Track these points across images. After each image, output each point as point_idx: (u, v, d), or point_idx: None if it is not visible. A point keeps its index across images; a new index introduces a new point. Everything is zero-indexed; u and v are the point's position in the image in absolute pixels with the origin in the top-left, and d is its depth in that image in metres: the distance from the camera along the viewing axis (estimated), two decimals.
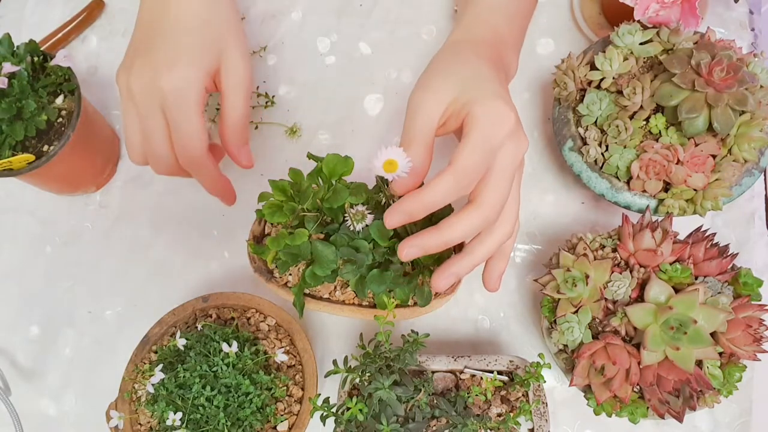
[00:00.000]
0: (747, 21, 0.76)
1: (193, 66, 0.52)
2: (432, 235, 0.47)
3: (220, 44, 0.54)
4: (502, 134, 0.47)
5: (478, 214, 0.46)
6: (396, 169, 0.48)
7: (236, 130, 0.55)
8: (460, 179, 0.46)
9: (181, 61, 0.52)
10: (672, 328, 0.51)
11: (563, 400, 0.65)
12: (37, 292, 0.71)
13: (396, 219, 0.47)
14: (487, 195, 0.46)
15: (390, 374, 0.53)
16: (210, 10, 0.55)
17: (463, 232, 0.47)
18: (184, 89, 0.51)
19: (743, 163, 0.60)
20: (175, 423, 0.53)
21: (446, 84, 0.49)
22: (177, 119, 0.52)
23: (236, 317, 0.63)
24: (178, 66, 0.51)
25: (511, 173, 0.48)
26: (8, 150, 0.61)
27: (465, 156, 0.46)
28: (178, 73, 0.51)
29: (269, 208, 0.57)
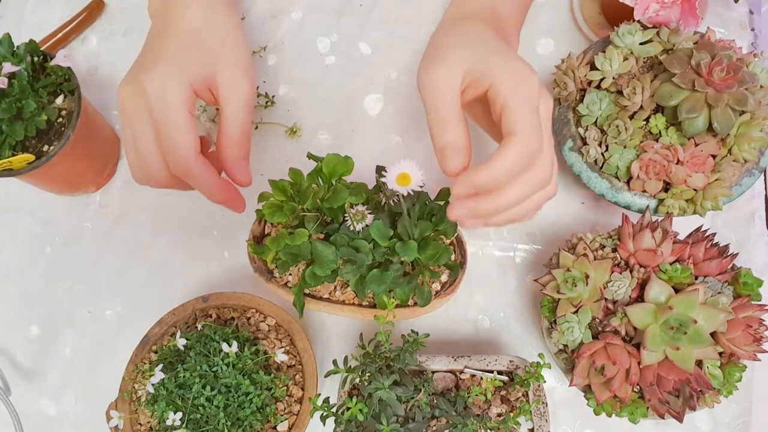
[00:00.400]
0: (747, 21, 0.76)
1: (176, 67, 0.51)
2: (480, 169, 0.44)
3: (212, 56, 0.53)
4: (536, 93, 0.46)
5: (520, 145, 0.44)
6: (410, 183, 0.48)
7: (233, 145, 0.53)
8: (527, 147, 0.44)
9: (163, 62, 0.51)
10: (672, 328, 0.51)
11: (563, 400, 0.65)
12: (37, 292, 0.71)
13: (463, 190, 0.45)
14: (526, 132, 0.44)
15: (390, 374, 0.53)
16: (206, 25, 0.54)
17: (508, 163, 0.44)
18: (166, 89, 0.50)
19: (743, 163, 0.60)
20: (175, 423, 0.53)
21: (457, 54, 0.48)
22: (161, 120, 0.49)
23: (236, 317, 0.63)
24: (160, 66, 0.50)
25: (550, 129, 0.48)
26: (8, 150, 0.61)
27: (523, 123, 0.44)
28: (160, 74, 0.50)
29: (269, 208, 0.57)
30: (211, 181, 0.52)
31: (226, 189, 0.53)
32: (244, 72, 0.54)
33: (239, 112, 0.53)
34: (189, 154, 0.50)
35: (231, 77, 0.53)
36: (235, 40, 0.56)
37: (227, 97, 0.53)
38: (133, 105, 0.50)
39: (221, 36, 0.55)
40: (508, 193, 0.45)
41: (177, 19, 0.54)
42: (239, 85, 0.53)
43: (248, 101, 0.54)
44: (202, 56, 0.52)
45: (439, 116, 0.47)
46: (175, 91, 0.50)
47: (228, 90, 0.53)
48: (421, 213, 0.58)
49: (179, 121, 0.50)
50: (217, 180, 0.52)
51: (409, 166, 0.49)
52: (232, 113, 0.53)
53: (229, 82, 0.53)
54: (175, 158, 0.50)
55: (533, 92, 0.46)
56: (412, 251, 0.55)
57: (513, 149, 0.44)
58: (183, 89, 0.51)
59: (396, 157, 0.72)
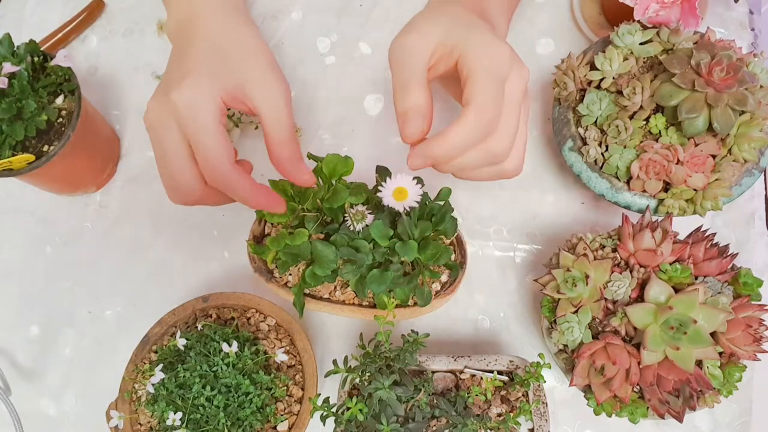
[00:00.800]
0: (747, 21, 0.76)
1: (204, 79, 0.50)
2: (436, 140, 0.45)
3: (238, 64, 0.52)
4: (504, 65, 0.46)
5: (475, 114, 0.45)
6: (406, 198, 0.48)
7: (284, 147, 0.51)
8: (481, 116, 0.44)
9: (191, 74, 0.50)
10: (672, 328, 0.51)
11: (563, 400, 0.65)
12: (37, 292, 0.71)
13: (418, 162, 0.46)
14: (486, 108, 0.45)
15: (390, 374, 0.53)
16: (226, 35, 0.54)
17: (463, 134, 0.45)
18: (195, 100, 0.49)
19: (743, 163, 0.60)
20: (175, 423, 0.53)
21: (431, 26, 0.48)
22: (194, 133, 0.49)
23: (236, 317, 0.63)
24: (187, 79, 0.49)
25: (518, 103, 0.47)
26: (8, 150, 0.61)
27: (479, 92, 0.45)
28: (188, 86, 0.49)
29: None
30: (249, 188, 0.51)
31: (264, 193, 0.52)
32: (274, 73, 0.53)
33: (281, 113, 0.52)
34: (225, 163, 0.49)
35: (262, 80, 0.52)
36: (257, 47, 0.55)
37: (264, 101, 0.51)
38: (162, 121, 0.49)
39: (243, 44, 0.54)
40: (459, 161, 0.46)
41: (196, 34, 0.54)
42: (272, 86, 0.52)
43: (287, 100, 0.52)
44: (228, 66, 0.52)
45: (403, 80, 0.47)
46: (206, 103, 0.49)
47: (262, 93, 0.52)
48: (421, 213, 0.58)
49: (213, 131, 0.49)
50: (255, 186, 0.52)
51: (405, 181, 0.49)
52: (274, 115, 0.51)
53: (261, 86, 0.52)
54: (212, 170, 0.49)
55: (498, 62, 0.46)
56: (412, 251, 0.55)
57: (467, 119, 0.44)
58: (213, 100, 0.50)
59: (396, 157, 0.72)
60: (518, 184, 0.71)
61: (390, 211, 0.57)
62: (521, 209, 0.71)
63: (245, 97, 0.52)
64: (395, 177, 0.49)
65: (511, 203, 0.71)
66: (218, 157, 0.49)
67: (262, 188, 0.52)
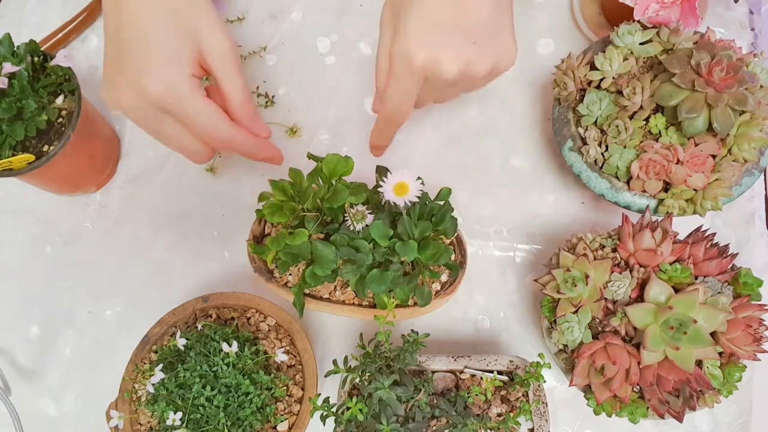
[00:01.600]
0: (747, 21, 0.76)
1: (171, 59, 0.50)
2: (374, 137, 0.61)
3: (191, 26, 0.52)
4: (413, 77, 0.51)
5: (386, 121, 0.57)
6: (407, 193, 0.48)
7: (242, 106, 0.55)
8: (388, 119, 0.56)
9: (157, 59, 0.50)
10: (672, 328, 0.51)
11: (563, 400, 0.65)
12: (37, 292, 0.71)
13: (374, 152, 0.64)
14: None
15: (390, 374, 0.53)
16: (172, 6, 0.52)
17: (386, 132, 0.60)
18: (171, 85, 0.50)
19: (743, 163, 0.60)
20: (175, 423, 0.53)
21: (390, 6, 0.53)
22: (184, 115, 0.51)
23: (236, 317, 0.63)
24: (156, 65, 0.50)
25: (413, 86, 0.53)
26: (8, 150, 0.61)
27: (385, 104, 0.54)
28: (159, 73, 0.49)
29: (269, 208, 0.57)
30: (253, 142, 0.56)
31: (266, 146, 0.58)
32: (222, 33, 0.53)
33: (235, 75, 0.54)
34: (224, 128, 0.53)
35: (215, 43, 0.53)
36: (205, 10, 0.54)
37: (219, 66, 0.53)
38: (146, 112, 0.51)
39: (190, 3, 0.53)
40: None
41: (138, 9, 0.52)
42: (223, 48, 0.53)
43: (236, 60, 0.54)
44: (187, 35, 0.52)
45: (377, 60, 0.55)
46: (182, 82, 0.50)
47: (217, 59, 0.53)
48: (421, 213, 0.58)
49: (201, 107, 0.51)
50: (256, 139, 0.56)
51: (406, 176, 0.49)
52: (230, 79, 0.54)
53: (214, 50, 0.53)
54: (215, 139, 0.53)
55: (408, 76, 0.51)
56: (412, 251, 0.55)
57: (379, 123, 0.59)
58: (187, 78, 0.51)
59: (396, 157, 0.72)
60: (518, 184, 0.71)
61: (390, 211, 0.57)
62: (521, 209, 0.71)
63: (202, 60, 0.53)
64: (396, 172, 0.49)
65: (511, 203, 0.71)
66: (213, 125, 0.52)
67: (263, 142, 0.57)
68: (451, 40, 0.50)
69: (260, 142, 0.57)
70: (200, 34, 0.52)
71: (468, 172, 0.72)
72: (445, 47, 0.50)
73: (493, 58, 0.52)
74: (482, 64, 0.51)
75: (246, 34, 0.79)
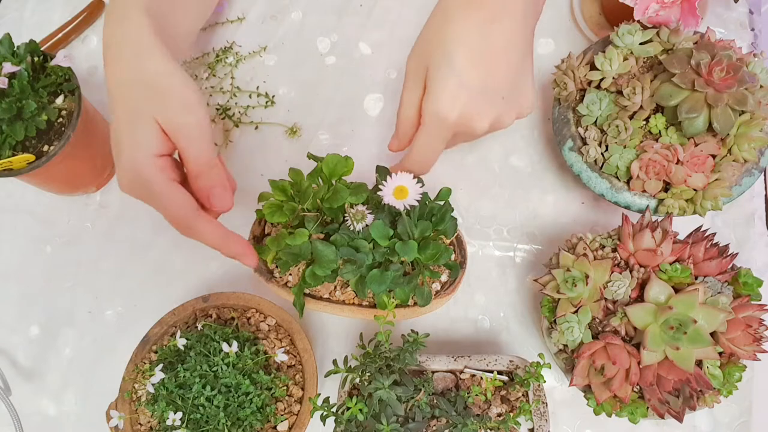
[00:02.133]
0: (747, 21, 0.76)
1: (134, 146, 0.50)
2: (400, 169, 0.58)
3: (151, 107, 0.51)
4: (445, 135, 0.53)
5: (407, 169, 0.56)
6: (407, 196, 0.49)
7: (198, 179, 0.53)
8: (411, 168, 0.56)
9: (124, 147, 0.51)
10: (672, 328, 0.51)
11: (563, 400, 0.65)
12: (37, 292, 0.71)
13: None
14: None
15: (390, 374, 0.53)
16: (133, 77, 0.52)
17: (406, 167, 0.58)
18: (138, 171, 0.50)
19: (743, 163, 0.60)
20: (175, 423, 0.53)
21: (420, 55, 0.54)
22: (150, 198, 0.51)
23: (236, 317, 0.63)
24: (124, 152, 0.51)
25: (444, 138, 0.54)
26: (8, 150, 0.61)
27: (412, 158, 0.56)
28: (127, 161, 0.50)
29: (269, 208, 0.57)
30: (218, 235, 0.53)
31: (235, 242, 0.54)
32: (181, 109, 0.52)
33: (191, 149, 0.52)
34: (187, 217, 0.51)
35: (172, 120, 0.51)
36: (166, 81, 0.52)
37: (177, 140, 0.52)
38: (133, 193, 0.52)
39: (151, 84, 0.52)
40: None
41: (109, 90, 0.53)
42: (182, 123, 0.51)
43: (197, 135, 0.52)
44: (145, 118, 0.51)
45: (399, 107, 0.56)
46: (147, 168, 0.50)
47: (175, 132, 0.51)
48: (421, 213, 0.58)
49: (163, 192, 0.51)
50: (225, 235, 0.53)
51: (405, 179, 0.49)
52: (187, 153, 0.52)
53: (173, 125, 0.51)
54: (177, 224, 0.52)
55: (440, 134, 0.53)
56: (412, 251, 0.55)
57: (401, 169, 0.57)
58: (150, 163, 0.50)
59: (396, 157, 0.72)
60: (518, 184, 0.71)
61: (390, 210, 0.57)
62: (521, 209, 0.71)
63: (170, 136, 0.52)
64: (396, 176, 0.49)
65: (511, 203, 0.71)
66: (177, 215, 0.51)
67: (233, 237, 0.54)
68: (481, 99, 0.51)
69: (228, 238, 0.53)
70: (161, 113, 0.51)
71: (468, 172, 0.72)
72: (476, 106, 0.51)
73: (519, 108, 0.54)
74: (510, 117, 0.54)
75: (246, 34, 0.79)
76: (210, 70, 0.77)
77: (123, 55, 0.52)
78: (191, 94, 0.52)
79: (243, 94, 0.76)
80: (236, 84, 0.77)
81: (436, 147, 0.55)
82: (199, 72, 0.77)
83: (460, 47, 0.50)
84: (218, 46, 0.78)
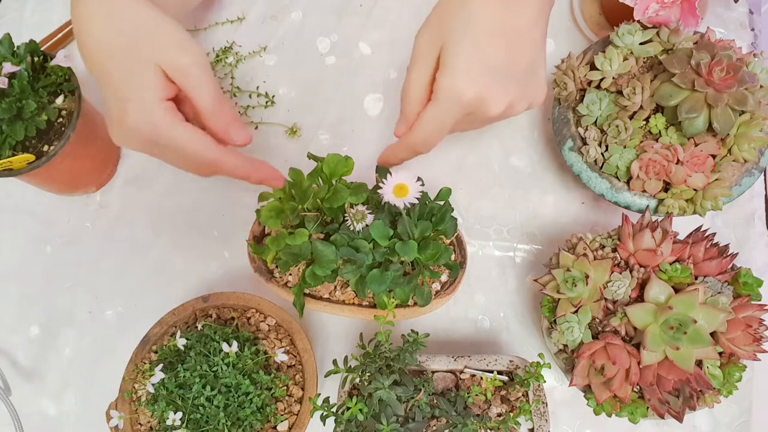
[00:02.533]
0: (747, 21, 0.76)
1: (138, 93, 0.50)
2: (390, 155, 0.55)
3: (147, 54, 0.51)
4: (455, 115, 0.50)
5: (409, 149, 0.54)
6: (407, 194, 0.49)
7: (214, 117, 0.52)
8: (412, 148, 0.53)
9: (128, 97, 0.50)
10: (672, 327, 0.51)
11: (563, 400, 0.65)
12: (37, 292, 0.71)
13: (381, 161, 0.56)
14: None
15: (390, 374, 0.53)
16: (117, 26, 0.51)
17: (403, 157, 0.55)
18: (149, 119, 0.50)
19: (743, 163, 0.60)
20: (175, 423, 0.53)
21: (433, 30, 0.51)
22: (166, 145, 0.50)
23: (236, 317, 0.63)
24: (129, 103, 0.50)
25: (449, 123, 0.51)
26: (8, 150, 0.61)
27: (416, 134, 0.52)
28: (133, 110, 0.50)
29: (267, 212, 0.57)
30: (244, 165, 0.53)
31: (261, 167, 0.54)
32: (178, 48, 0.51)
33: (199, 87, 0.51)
34: (209, 153, 0.51)
35: (171, 61, 0.51)
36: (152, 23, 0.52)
37: (184, 81, 0.51)
38: (140, 146, 0.51)
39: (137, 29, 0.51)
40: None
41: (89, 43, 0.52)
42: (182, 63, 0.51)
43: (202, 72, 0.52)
44: (143, 65, 0.51)
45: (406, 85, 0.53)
46: (157, 114, 0.50)
47: (177, 73, 0.51)
48: (421, 213, 0.58)
49: (180, 134, 0.50)
50: (249, 161, 0.53)
51: (405, 177, 0.49)
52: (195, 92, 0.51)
53: (176, 67, 0.51)
54: (202, 165, 0.51)
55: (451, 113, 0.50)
56: (412, 251, 0.55)
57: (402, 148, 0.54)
58: (161, 108, 0.50)
59: None
60: (518, 184, 0.71)
61: (390, 210, 0.57)
62: (521, 209, 0.71)
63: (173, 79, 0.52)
64: (396, 174, 0.49)
65: (511, 203, 0.71)
66: (200, 155, 0.50)
67: (258, 163, 0.54)
68: (500, 80, 0.49)
69: (253, 163, 0.54)
70: (158, 57, 0.51)
71: (468, 172, 0.72)
72: (494, 86, 0.49)
73: (531, 97, 0.52)
74: (522, 104, 0.52)
75: (246, 34, 0.79)
76: None
77: (102, 10, 0.52)
78: (182, 33, 0.52)
79: (243, 94, 0.76)
80: (236, 84, 0.77)
81: (444, 124, 0.51)
82: None
83: (481, 22, 0.49)
84: (218, 46, 0.78)
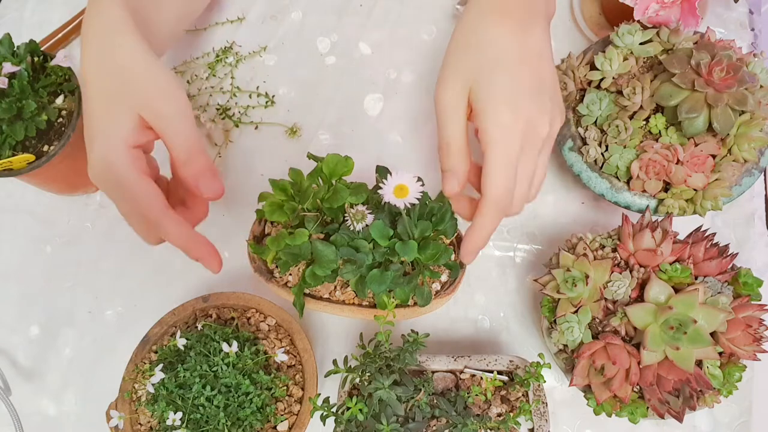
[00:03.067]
0: (747, 21, 0.76)
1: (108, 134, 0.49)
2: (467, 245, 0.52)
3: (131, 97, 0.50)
4: (516, 147, 0.48)
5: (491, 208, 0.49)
6: (407, 195, 0.48)
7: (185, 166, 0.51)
8: (498, 205, 0.49)
9: (97, 135, 0.50)
10: (672, 327, 0.51)
11: (563, 400, 0.65)
12: (37, 292, 0.71)
13: (471, 258, 0.53)
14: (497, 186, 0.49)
15: (390, 374, 0.53)
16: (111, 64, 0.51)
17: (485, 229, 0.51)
18: (110, 161, 0.49)
19: (743, 163, 0.60)
20: (175, 423, 0.53)
21: (456, 77, 0.50)
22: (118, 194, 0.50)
23: (236, 317, 0.63)
24: (95, 141, 0.49)
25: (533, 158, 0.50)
26: (8, 150, 0.61)
27: (491, 183, 0.48)
28: (99, 148, 0.49)
29: (270, 205, 0.57)
30: (185, 238, 0.51)
31: (202, 246, 0.53)
32: (163, 96, 0.51)
33: (178, 135, 0.51)
34: (155, 212, 0.50)
35: (152, 108, 0.50)
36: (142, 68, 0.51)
37: (162, 128, 0.51)
38: (101, 185, 0.50)
39: (127, 71, 0.51)
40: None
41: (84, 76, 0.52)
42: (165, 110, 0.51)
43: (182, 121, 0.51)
44: (123, 108, 0.50)
45: (442, 141, 0.50)
46: (116, 157, 0.49)
47: (156, 121, 0.51)
48: (421, 213, 0.58)
49: (133, 182, 0.49)
50: (192, 236, 0.52)
51: (406, 178, 0.49)
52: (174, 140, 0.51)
53: (156, 113, 0.50)
54: (149, 226, 0.51)
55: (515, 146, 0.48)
56: (412, 251, 0.55)
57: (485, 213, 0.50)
58: (122, 150, 0.49)
59: (396, 157, 0.72)
60: None
61: (390, 210, 0.57)
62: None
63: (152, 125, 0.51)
64: (396, 174, 0.49)
65: None
66: (145, 208, 0.50)
67: (200, 238, 0.52)
68: (537, 100, 0.49)
69: (196, 239, 0.52)
70: (141, 103, 0.50)
71: None
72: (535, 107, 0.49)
73: (561, 114, 0.52)
74: (558, 122, 0.51)
75: (246, 34, 0.79)
76: (210, 70, 0.77)
77: (100, 45, 0.52)
78: (171, 81, 0.52)
79: (243, 94, 0.76)
80: (236, 84, 0.77)
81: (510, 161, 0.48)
82: (199, 72, 0.77)
83: (506, 52, 0.49)
84: (218, 46, 0.78)
